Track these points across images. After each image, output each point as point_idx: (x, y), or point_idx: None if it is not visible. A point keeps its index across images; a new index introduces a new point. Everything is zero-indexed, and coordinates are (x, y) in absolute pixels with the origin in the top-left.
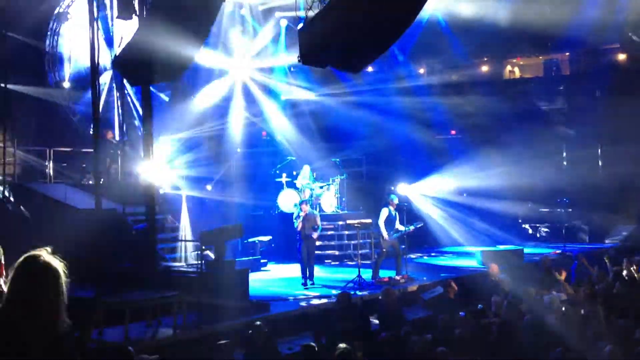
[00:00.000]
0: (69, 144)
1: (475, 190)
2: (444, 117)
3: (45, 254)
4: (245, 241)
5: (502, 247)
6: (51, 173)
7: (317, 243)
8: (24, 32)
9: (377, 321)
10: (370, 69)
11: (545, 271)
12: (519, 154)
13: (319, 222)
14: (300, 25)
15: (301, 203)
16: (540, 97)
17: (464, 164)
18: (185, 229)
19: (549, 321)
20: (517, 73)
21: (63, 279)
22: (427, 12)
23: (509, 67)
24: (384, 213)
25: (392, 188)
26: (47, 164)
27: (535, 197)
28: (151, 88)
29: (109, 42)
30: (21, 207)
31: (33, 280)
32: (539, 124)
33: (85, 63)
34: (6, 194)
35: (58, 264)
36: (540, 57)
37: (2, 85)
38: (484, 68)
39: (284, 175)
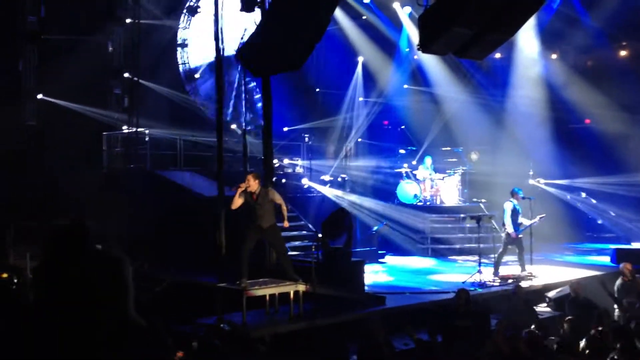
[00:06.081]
0: (198, 133)
1: (612, 182)
2: (577, 106)
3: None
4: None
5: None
6: (182, 160)
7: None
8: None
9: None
10: (498, 55)
11: None
12: None
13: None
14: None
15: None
16: None
17: (600, 156)
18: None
19: None
20: None
21: None
22: None
23: None
24: (509, 207)
25: (518, 180)
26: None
27: None
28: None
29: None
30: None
31: None
32: None
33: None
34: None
35: None
36: None
37: (135, 78)
38: (623, 53)
39: (405, 165)
